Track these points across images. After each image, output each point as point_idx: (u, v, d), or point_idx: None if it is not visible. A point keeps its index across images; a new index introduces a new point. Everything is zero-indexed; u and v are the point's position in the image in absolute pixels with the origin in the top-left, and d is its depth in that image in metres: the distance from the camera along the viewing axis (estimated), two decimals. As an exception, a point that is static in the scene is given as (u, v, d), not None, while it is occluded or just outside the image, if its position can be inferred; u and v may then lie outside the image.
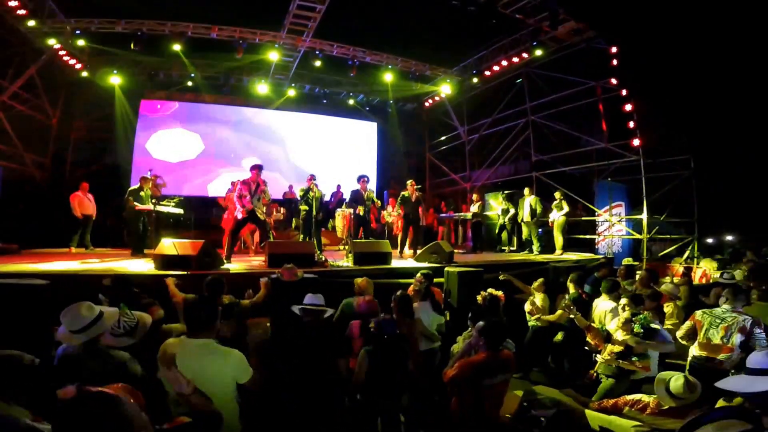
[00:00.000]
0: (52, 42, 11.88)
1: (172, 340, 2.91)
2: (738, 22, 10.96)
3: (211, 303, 3.02)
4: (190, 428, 2.20)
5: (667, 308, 5.63)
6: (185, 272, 6.25)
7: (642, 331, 4.38)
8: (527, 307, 6.35)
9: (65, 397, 1.83)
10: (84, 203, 10.18)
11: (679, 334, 4.70)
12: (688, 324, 4.66)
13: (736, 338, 4.14)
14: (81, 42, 12.34)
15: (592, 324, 5.05)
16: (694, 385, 3.11)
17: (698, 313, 4.61)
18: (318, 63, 13.85)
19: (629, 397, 3.54)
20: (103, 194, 11.24)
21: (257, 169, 8.28)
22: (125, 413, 1.51)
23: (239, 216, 8.13)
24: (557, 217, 11.10)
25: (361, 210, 9.76)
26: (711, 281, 8.84)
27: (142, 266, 7.21)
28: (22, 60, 12.08)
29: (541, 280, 6.46)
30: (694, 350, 4.46)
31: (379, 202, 10.56)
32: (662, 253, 12.00)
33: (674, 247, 11.84)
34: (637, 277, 6.84)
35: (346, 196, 12.86)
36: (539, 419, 3.33)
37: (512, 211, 12.05)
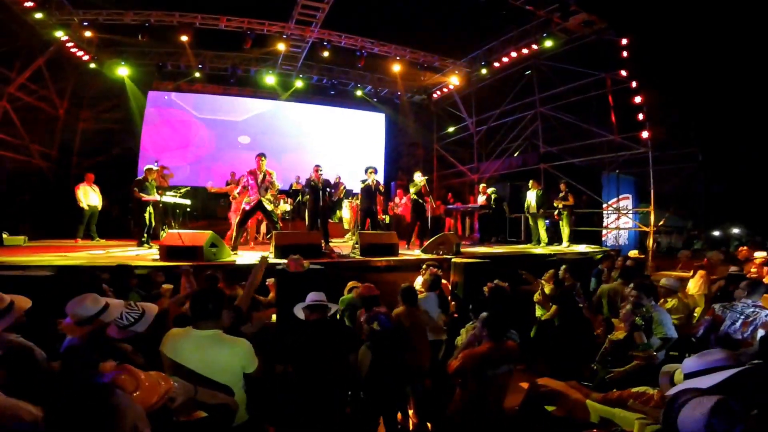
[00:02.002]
0: (59, 34, 11.91)
1: (177, 330, 2.90)
2: (748, 17, 10.83)
3: (217, 293, 2.99)
4: (205, 423, 2.20)
5: (670, 303, 5.56)
6: (192, 263, 6.30)
7: (643, 323, 4.36)
8: (536, 297, 6.34)
9: (105, 371, 1.85)
10: (89, 194, 10.24)
11: (693, 330, 4.66)
12: (705, 318, 4.61)
13: (759, 334, 4.09)
14: (88, 33, 12.39)
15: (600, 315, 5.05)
16: (700, 379, 3.08)
17: (717, 307, 4.55)
18: (326, 54, 13.77)
19: (634, 390, 3.53)
20: (110, 185, 11.30)
21: (260, 156, 8.25)
22: (115, 404, 1.51)
23: (246, 207, 8.15)
24: (562, 209, 11.06)
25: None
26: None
27: (148, 257, 7.27)
28: (29, 51, 12.10)
29: (551, 271, 6.45)
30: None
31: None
32: (669, 246, 11.95)
33: (681, 239, 11.78)
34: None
35: (351, 187, 12.87)
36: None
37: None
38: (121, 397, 1.58)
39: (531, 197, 11.36)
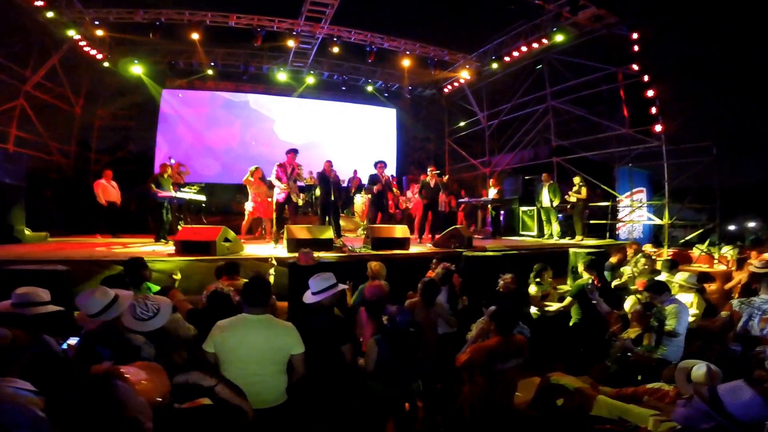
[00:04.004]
0: (71, 32, 12.01)
1: (225, 320, 3.03)
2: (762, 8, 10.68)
3: (264, 281, 3.24)
4: (207, 411, 2.21)
5: (685, 297, 5.49)
6: (205, 257, 6.41)
7: (657, 324, 4.32)
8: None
9: (98, 372, 1.88)
10: (108, 190, 10.39)
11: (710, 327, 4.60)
12: (723, 314, 4.55)
13: None
14: (100, 32, 12.55)
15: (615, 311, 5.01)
16: (716, 375, 3.04)
17: (735, 303, 4.48)
18: (336, 50, 13.81)
19: (648, 386, 3.50)
20: (128, 181, 11.45)
21: (293, 152, 8.64)
22: (117, 396, 1.54)
23: (280, 199, 8.48)
24: (576, 202, 10.97)
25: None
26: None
27: (164, 251, 7.35)
28: (43, 50, 12.22)
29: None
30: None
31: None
32: (684, 240, 11.81)
33: (696, 233, 11.63)
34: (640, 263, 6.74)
35: (363, 182, 12.90)
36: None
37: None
38: (123, 388, 1.60)
39: (544, 191, 11.28)
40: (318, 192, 9.97)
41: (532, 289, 6.33)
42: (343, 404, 3.45)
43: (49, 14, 11.15)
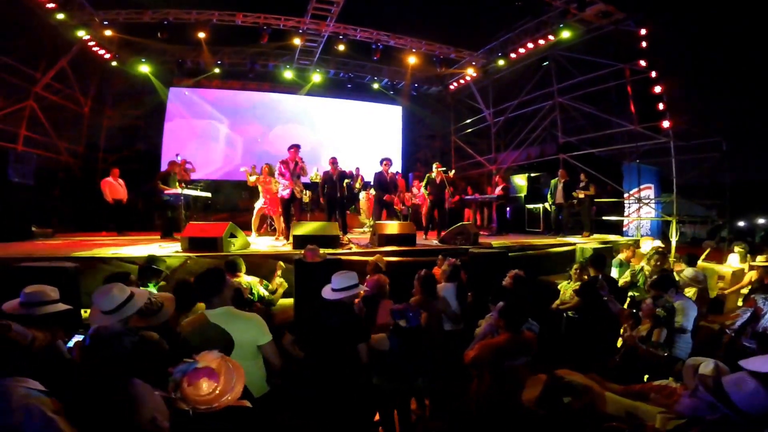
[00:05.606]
0: (81, 34, 12.15)
1: (190, 318, 2.97)
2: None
3: (215, 271, 3.11)
4: (242, 413, 2.23)
5: (688, 293, 5.44)
6: (211, 253, 6.45)
7: (665, 314, 4.28)
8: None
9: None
10: (115, 188, 10.47)
11: (728, 322, 4.55)
12: (741, 310, 4.50)
13: None
14: (109, 33, 12.66)
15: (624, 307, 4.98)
16: (724, 371, 3.01)
17: (758, 299, 4.42)
18: (342, 48, 13.88)
19: (656, 383, 3.47)
20: (135, 179, 11.54)
21: (295, 148, 8.71)
22: (134, 395, 1.54)
23: (285, 195, 8.59)
24: (583, 198, 10.92)
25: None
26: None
27: (171, 248, 7.39)
28: (53, 51, 12.35)
29: (577, 265, 6.37)
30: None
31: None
32: (692, 236, 11.73)
33: (705, 230, 11.56)
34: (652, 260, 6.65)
35: (368, 179, 12.89)
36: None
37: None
38: (140, 387, 1.61)
39: (559, 187, 11.21)
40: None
41: (564, 283, 6.31)
42: (349, 399, 3.43)
43: (60, 16, 11.26)
